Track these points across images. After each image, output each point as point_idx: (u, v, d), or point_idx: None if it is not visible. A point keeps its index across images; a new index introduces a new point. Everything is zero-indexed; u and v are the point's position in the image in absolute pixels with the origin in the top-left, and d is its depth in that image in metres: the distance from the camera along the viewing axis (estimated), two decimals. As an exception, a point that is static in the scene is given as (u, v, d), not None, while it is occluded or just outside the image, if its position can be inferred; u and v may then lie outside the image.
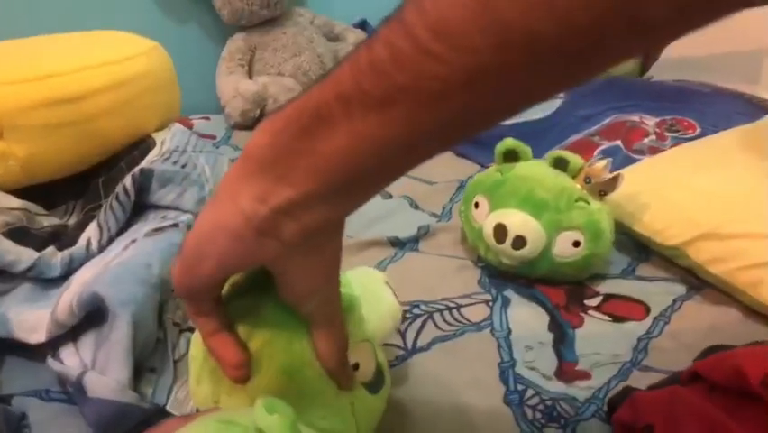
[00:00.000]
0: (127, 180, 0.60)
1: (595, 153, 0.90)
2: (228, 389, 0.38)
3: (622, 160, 0.86)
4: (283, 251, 0.31)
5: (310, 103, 0.28)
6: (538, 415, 0.49)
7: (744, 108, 0.98)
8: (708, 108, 0.98)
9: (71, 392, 0.47)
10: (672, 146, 0.88)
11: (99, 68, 0.66)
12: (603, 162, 0.65)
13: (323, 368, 0.37)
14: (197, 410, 0.41)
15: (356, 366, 0.40)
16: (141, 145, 0.70)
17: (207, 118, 1.14)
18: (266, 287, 0.37)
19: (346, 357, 0.38)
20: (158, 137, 0.72)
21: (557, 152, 0.67)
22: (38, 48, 0.74)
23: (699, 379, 0.41)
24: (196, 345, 0.41)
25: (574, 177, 0.66)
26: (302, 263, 0.32)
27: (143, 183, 0.61)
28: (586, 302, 0.65)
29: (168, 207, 0.62)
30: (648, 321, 0.61)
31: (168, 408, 0.49)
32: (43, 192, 0.66)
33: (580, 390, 0.52)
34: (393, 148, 0.27)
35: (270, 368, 0.36)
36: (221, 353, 0.35)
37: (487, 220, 0.66)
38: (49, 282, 0.56)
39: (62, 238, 0.61)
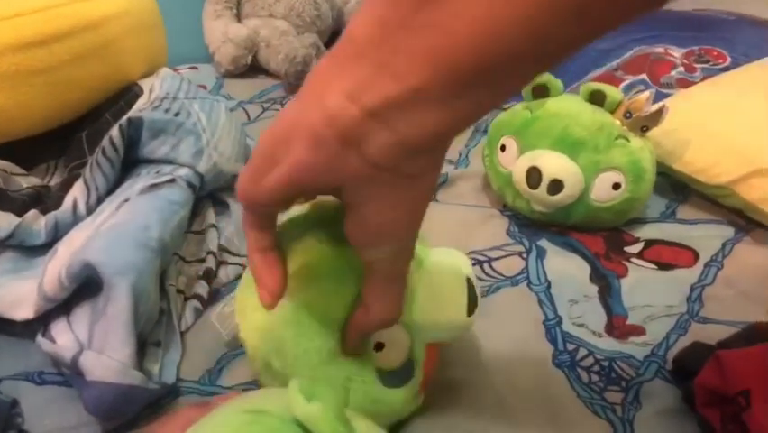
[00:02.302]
0: (114, 132, 0.53)
1: (619, 89, 0.83)
2: (254, 304, 0.35)
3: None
4: (366, 172, 0.24)
5: None
6: (595, 378, 0.43)
7: (774, 36, 0.91)
8: (736, 37, 0.91)
9: (67, 375, 0.42)
10: (703, 78, 0.81)
11: (71, 4, 0.58)
12: (645, 94, 0.58)
13: (346, 325, 0.34)
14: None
15: (379, 346, 0.35)
16: (128, 94, 0.62)
17: (195, 68, 1.06)
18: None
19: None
20: (145, 84, 0.64)
21: (593, 84, 0.61)
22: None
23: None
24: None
25: (612, 112, 0.60)
26: (385, 196, 0.25)
27: (133, 134, 0.54)
28: (626, 249, 0.59)
29: (161, 161, 0.55)
30: (698, 267, 0.56)
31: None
32: (20, 150, 0.59)
33: (637, 346, 0.46)
34: (556, 14, 0.20)
35: (287, 302, 0.34)
36: (263, 273, 0.31)
37: (517, 164, 0.60)
38: (33, 250, 0.50)
39: (45, 200, 0.54)
